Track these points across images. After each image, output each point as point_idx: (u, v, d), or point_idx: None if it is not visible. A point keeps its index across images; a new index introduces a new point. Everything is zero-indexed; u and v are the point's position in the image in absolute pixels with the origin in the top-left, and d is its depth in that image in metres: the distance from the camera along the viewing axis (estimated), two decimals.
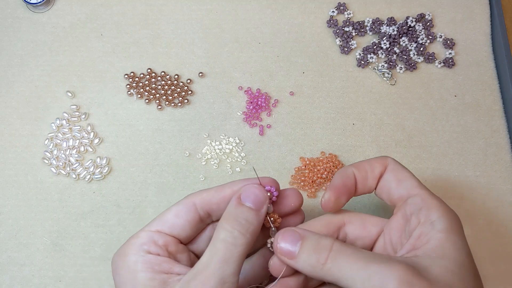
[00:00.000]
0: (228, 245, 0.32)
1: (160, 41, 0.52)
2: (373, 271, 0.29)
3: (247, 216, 0.33)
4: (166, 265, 0.33)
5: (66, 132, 0.48)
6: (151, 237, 0.34)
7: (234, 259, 0.31)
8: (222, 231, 0.32)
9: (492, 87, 0.51)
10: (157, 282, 0.32)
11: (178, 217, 0.35)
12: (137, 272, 0.32)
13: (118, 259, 0.34)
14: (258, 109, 0.49)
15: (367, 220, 0.36)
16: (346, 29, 0.52)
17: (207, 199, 0.36)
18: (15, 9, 0.52)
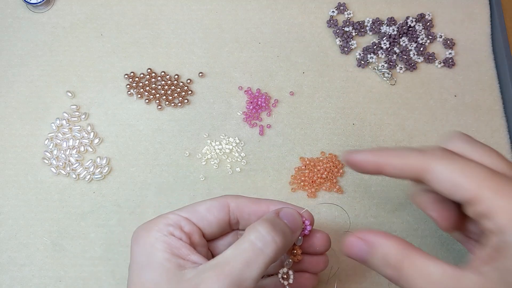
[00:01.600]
0: (256, 248, 0.31)
1: (160, 41, 0.52)
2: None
3: (284, 229, 0.33)
4: (185, 250, 0.33)
5: (66, 132, 0.48)
6: (178, 221, 0.34)
7: (257, 265, 0.30)
8: (254, 233, 0.31)
9: (492, 87, 0.51)
10: (172, 264, 0.32)
11: (210, 212, 0.35)
12: (155, 249, 0.32)
13: (141, 232, 0.34)
14: (258, 109, 0.49)
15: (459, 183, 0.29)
16: (346, 29, 0.52)
17: (241, 205, 0.35)
18: (15, 9, 0.52)
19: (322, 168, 0.47)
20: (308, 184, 0.46)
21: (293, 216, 0.34)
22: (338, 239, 0.45)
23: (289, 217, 0.34)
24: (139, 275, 0.32)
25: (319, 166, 0.47)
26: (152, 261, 0.32)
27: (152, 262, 0.32)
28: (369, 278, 0.44)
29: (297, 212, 0.35)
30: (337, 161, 0.47)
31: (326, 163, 0.47)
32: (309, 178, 0.46)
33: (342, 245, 0.33)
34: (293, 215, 0.34)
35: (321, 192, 0.47)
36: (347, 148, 0.48)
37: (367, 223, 0.45)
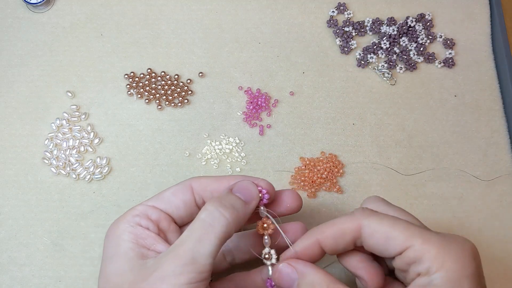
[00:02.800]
0: (205, 225, 0.32)
1: (160, 41, 0.52)
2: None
3: (234, 203, 0.33)
4: (151, 240, 0.34)
5: (66, 132, 0.48)
6: (145, 211, 0.35)
7: (209, 241, 0.31)
8: (203, 212, 0.32)
9: (492, 87, 0.51)
10: (135, 253, 0.33)
11: (175, 195, 0.36)
12: (121, 240, 0.34)
13: (111, 226, 0.35)
14: (258, 109, 0.49)
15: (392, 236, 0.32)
16: (346, 29, 0.52)
17: (204, 184, 0.37)
18: (15, 9, 0.52)
19: (322, 168, 0.47)
20: (308, 184, 0.46)
21: (246, 188, 0.35)
22: None
23: (242, 189, 0.35)
24: (106, 267, 0.34)
25: (319, 166, 0.47)
26: (117, 252, 0.33)
27: (117, 253, 0.33)
28: None
29: (252, 183, 0.35)
30: (337, 161, 0.47)
31: (326, 163, 0.47)
32: (309, 178, 0.46)
33: (273, 274, 0.34)
34: (247, 187, 0.35)
35: (321, 192, 0.47)
36: (347, 148, 0.48)
37: None
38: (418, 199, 0.47)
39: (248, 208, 0.34)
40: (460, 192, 0.47)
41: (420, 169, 0.48)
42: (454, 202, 0.47)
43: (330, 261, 0.42)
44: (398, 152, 0.48)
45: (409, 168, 0.48)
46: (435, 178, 0.48)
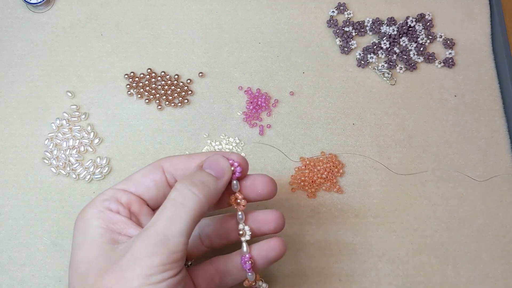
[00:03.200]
0: (176, 204, 0.31)
1: (160, 41, 0.52)
2: None
3: (205, 179, 0.33)
4: (121, 225, 0.33)
5: (66, 132, 0.48)
6: (114, 194, 0.34)
7: (181, 219, 0.30)
8: (173, 191, 0.32)
9: (492, 87, 0.51)
10: (105, 239, 0.32)
11: (144, 176, 0.35)
12: (90, 226, 0.32)
13: (79, 214, 0.34)
14: (258, 109, 0.49)
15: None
16: (346, 29, 0.52)
17: (175, 163, 0.35)
18: (15, 9, 0.52)
19: (322, 168, 0.47)
20: (308, 184, 0.46)
21: (216, 163, 0.34)
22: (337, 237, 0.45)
23: (212, 164, 0.34)
24: (74, 255, 0.32)
25: (319, 166, 0.47)
26: (85, 239, 0.32)
27: (85, 240, 0.32)
28: (369, 278, 0.44)
29: (223, 157, 0.34)
30: (337, 161, 0.47)
31: (326, 163, 0.47)
32: (309, 178, 0.46)
33: None
34: (217, 161, 0.34)
35: (321, 192, 0.47)
36: (347, 148, 0.48)
37: (367, 223, 0.45)
38: (418, 199, 0.47)
39: (220, 183, 0.33)
40: (460, 192, 0.47)
41: (420, 169, 0.48)
42: (454, 202, 0.47)
43: None
44: (398, 152, 0.48)
45: (409, 168, 0.48)
46: (435, 178, 0.48)
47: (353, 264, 0.44)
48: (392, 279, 0.44)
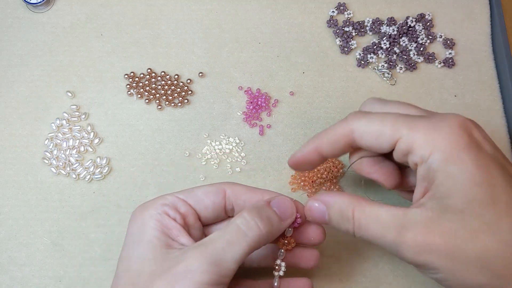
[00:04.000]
0: (239, 231, 0.32)
1: (160, 41, 0.52)
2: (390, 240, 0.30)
3: (271, 217, 0.34)
4: (176, 231, 0.34)
5: (66, 132, 0.48)
6: (175, 202, 0.35)
7: (239, 248, 0.31)
8: (239, 218, 0.33)
9: (492, 87, 0.51)
10: (160, 242, 0.33)
11: (206, 195, 0.36)
12: (147, 227, 0.33)
13: (139, 210, 0.35)
14: (258, 109, 0.49)
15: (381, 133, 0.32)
16: (346, 29, 0.52)
17: (237, 192, 0.36)
18: (15, 9, 0.52)
19: (322, 168, 0.47)
20: (308, 184, 0.46)
21: (284, 204, 0.35)
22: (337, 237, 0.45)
23: (280, 205, 0.35)
24: (129, 250, 0.33)
25: (319, 166, 0.47)
26: (142, 238, 0.33)
27: (142, 239, 0.33)
28: (369, 278, 0.44)
29: (291, 201, 0.36)
30: (337, 161, 0.47)
31: (326, 163, 0.47)
32: (309, 178, 0.46)
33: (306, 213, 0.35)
34: (285, 203, 0.35)
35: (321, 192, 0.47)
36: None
37: None
38: None
39: (282, 225, 0.34)
40: None
41: None
42: None
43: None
44: None
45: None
46: None
47: (353, 264, 0.44)
48: (392, 279, 0.44)
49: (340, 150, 0.35)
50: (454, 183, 0.29)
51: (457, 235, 0.29)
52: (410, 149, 0.31)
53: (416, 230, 0.30)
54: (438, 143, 0.30)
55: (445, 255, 0.29)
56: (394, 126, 0.32)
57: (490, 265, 0.29)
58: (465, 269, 0.29)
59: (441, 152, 0.29)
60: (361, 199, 0.33)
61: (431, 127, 0.30)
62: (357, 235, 0.33)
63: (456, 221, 0.29)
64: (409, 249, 0.30)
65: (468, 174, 0.29)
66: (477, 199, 0.29)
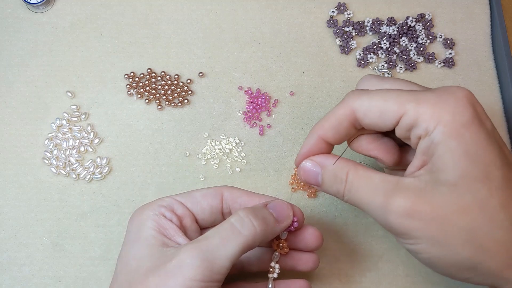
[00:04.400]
0: (234, 229, 0.32)
1: (160, 41, 0.52)
2: (378, 203, 0.31)
3: (266, 217, 0.34)
4: (172, 231, 0.34)
5: (66, 132, 0.48)
6: (172, 204, 0.36)
7: (232, 245, 0.31)
8: (234, 216, 0.33)
9: (492, 87, 0.51)
10: (157, 241, 0.33)
11: (204, 198, 0.36)
12: (145, 227, 0.34)
13: (136, 211, 0.36)
14: (258, 109, 0.49)
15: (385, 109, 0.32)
16: (346, 29, 0.52)
17: (235, 195, 0.37)
18: (15, 9, 0.52)
19: None
20: (308, 184, 0.46)
21: (281, 207, 0.35)
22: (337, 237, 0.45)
23: (277, 208, 0.35)
24: (127, 250, 0.34)
25: None
26: (139, 237, 0.34)
27: (139, 238, 0.34)
28: (369, 278, 0.44)
29: (288, 204, 0.36)
30: None
31: None
32: None
33: (299, 173, 0.36)
34: (281, 205, 0.35)
35: (321, 192, 0.47)
36: None
37: (367, 222, 0.45)
38: None
39: (278, 226, 0.34)
40: None
41: None
42: None
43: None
44: None
45: None
46: None
47: (353, 264, 0.44)
48: (392, 279, 0.44)
49: (345, 133, 0.34)
50: (452, 157, 0.29)
51: (447, 207, 0.29)
52: (415, 123, 0.31)
53: (405, 196, 0.30)
54: (444, 116, 0.29)
55: (431, 224, 0.29)
56: (398, 102, 0.31)
57: (476, 239, 0.29)
58: (451, 240, 0.29)
59: (445, 125, 0.29)
60: (356, 163, 0.33)
61: (437, 101, 0.30)
62: (346, 197, 0.33)
63: (447, 194, 0.29)
64: (395, 214, 0.30)
65: (466, 149, 0.29)
66: (471, 175, 0.29)
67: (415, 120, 0.31)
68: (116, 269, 0.34)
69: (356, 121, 0.33)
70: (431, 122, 0.30)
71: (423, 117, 0.30)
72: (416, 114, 0.30)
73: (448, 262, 0.30)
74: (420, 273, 0.44)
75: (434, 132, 0.30)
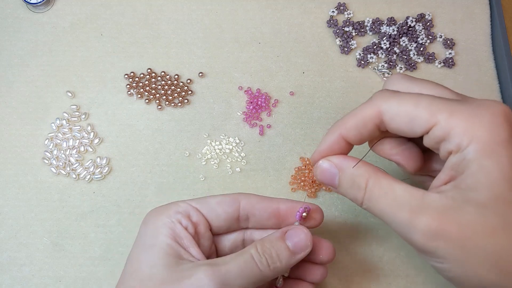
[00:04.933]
0: (253, 262, 0.32)
1: (160, 41, 0.52)
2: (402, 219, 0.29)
3: (281, 253, 0.33)
4: (187, 242, 0.33)
5: (66, 132, 0.48)
6: (188, 210, 0.35)
7: (249, 277, 0.31)
8: (253, 249, 0.32)
9: (492, 87, 0.51)
10: (173, 251, 0.32)
11: (220, 205, 0.35)
12: (160, 233, 0.33)
13: (151, 215, 0.35)
14: (258, 109, 0.49)
15: (415, 116, 0.30)
16: (346, 29, 0.52)
17: (252, 202, 0.36)
18: (15, 9, 0.52)
19: None
20: (308, 184, 0.46)
21: (300, 238, 0.34)
22: (337, 237, 0.45)
23: (295, 238, 0.34)
24: (139, 254, 0.33)
25: None
26: (154, 243, 0.33)
27: (154, 245, 0.33)
28: (369, 278, 0.44)
29: (307, 233, 0.34)
30: None
31: None
32: (309, 178, 0.46)
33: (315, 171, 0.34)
34: (301, 237, 0.34)
35: (321, 192, 0.47)
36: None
37: (368, 223, 0.45)
38: None
39: (293, 259, 0.34)
40: None
41: None
42: None
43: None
44: None
45: None
46: None
47: (353, 264, 0.44)
48: (392, 279, 0.44)
49: (368, 135, 0.33)
50: (486, 177, 0.27)
51: (475, 229, 0.28)
52: (446, 136, 0.29)
53: (432, 214, 0.28)
54: (478, 133, 0.27)
55: (457, 245, 0.28)
56: (430, 110, 0.29)
57: (503, 264, 0.28)
58: (476, 263, 0.28)
59: (479, 143, 0.27)
60: (377, 169, 0.31)
61: (472, 114, 0.28)
62: (365, 206, 0.32)
63: (476, 215, 0.28)
64: (420, 233, 0.28)
65: (502, 170, 0.27)
66: (504, 197, 0.27)
67: (446, 133, 0.29)
68: (125, 269, 0.34)
69: (382, 123, 0.32)
70: (465, 137, 0.28)
71: (456, 130, 0.28)
72: (448, 127, 0.28)
73: (472, 283, 0.29)
74: (420, 274, 0.44)
75: (468, 149, 0.28)
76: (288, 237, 0.34)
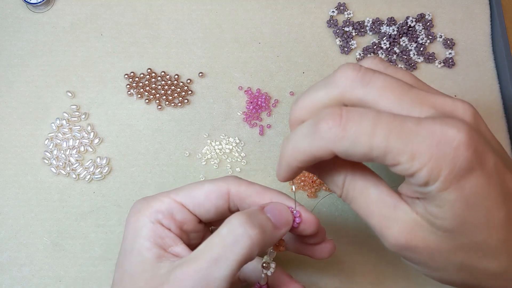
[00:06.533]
0: (225, 243, 0.28)
1: (160, 41, 0.52)
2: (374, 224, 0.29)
3: (264, 223, 0.30)
4: (169, 241, 0.32)
5: (66, 132, 0.48)
6: (171, 208, 0.32)
7: (227, 263, 0.28)
8: (226, 226, 0.29)
9: (492, 87, 0.51)
10: (151, 254, 0.31)
11: (208, 199, 0.33)
12: (139, 236, 0.31)
13: (133, 214, 0.33)
14: (258, 109, 0.49)
15: (370, 157, 0.28)
16: (346, 29, 0.52)
17: (242, 195, 0.33)
18: (15, 9, 0.52)
19: None
20: (308, 184, 0.46)
21: (279, 211, 0.32)
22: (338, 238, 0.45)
23: (275, 211, 0.32)
24: (123, 259, 0.32)
25: None
26: (134, 249, 0.31)
27: (133, 250, 0.31)
28: (369, 279, 0.44)
29: (286, 208, 0.33)
30: None
31: None
32: (309, 178, 0.46)
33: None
34: (280, 209, 0.32)
35: (321, 192, 0.47)
36: None
37: None
38: None
39: (276, 233, 0.31)
40: None
41: None
42: None
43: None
44: None
45: None
46: None
47: (353, 264, 0.44)
48: (392, 279, 0.44)
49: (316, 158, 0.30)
50: (451, 209, 0.27)
51: (442, 248, 0.28)
52: (410, 174, 0.27)
53: (401, 228, 0.28)
54: (441, 170, 0.26)
55: (425, 256, 0.29)
56: (387, 148, 0.26)
57: (470, 271, 0.29)
58: (444, 268, 0.30)
59: (441, 181, 0.26)
60: (357, 167, 0.30)
61: (434, 151, 0.26)
62: (344, 201, 0.31)
63: (443, 236, 0.28)
64: (390, 241, 0.29)
65: (466, 200, 0.27)
66: (471, 223, 0.27)
67: (410, 172, 0.27)
68: (114, 277, 0.32)
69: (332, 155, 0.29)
70: (428, 177, 0.26)
71: (420, 173, 0.26)
72: (410, 168, 0.26)
73: (446, 281, 0.31)
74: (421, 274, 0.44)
75: (429, 187, 0.27)
76: (267, 212, 0.32)
